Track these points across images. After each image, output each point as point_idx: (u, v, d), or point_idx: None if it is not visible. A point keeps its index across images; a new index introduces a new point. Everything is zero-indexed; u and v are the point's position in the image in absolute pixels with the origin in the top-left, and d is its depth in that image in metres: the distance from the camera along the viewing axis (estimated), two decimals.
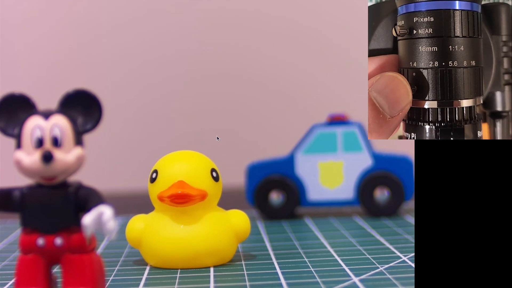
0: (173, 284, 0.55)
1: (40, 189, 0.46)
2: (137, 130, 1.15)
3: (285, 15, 1.16)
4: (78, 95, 0.47)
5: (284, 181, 0.80)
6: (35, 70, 1.14)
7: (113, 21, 1.15)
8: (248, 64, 1.16)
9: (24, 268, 0.47)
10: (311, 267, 0.58)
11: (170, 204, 0.59)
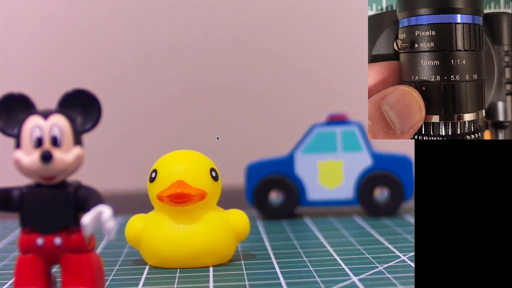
0: (173, 283, 0.55)
1: (39, 188, 0.46)
2: (137, 130, 1.15)
3: (284, 14, 1.16)
4: (77, 94, 0.47)
5: (283, 181, 0.80)
6: (34, 70, 1.14)
7: (113, 21, 1.15)
8: (248, 64, 1.16)
9: (24, 268, 0.47)
10: (311, 267, 0.58)
11: (169, 203, 0.59)
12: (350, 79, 1.14)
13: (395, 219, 0.77)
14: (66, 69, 1.14)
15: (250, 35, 1.15)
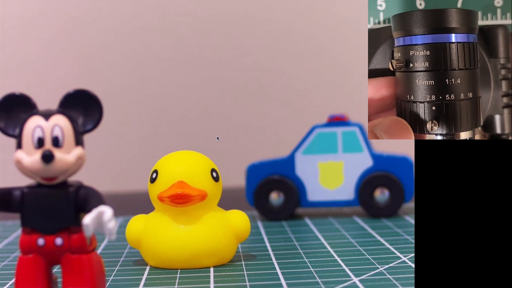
0: (173, 284, 0.55)
1: (41, 189, 0.46)
2: (137, 130, 1.15)
3: (285, 16, 1.16)
4: (78, 95, 0.47)
5: (284, 182, 0.80)
6: (35, 70, 1.14)
7: (114, 21, 1.15)
8: (249, 65, 1.16)
9: (24, 268, 0.47)
10: (311, 268, 0.58)
11: (170, 204, 0.59)
12: (351, 80, 1.14)
13: (395, 220, 0.77)
14: (67, 69, 1.14)
15: (251, 36, 1.16)
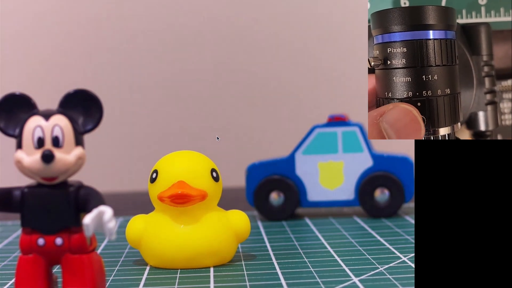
0: (173, 284, 0.55)
1: (41, 189, 0.46)
2: (138, 130, 1.15)
3: (286, 16, 1.16)
4: (78, 95, 0.47)
5: (284, 182, 0.80)
6: (35, 70, 1.14)
7: (114, 22, 1.15)
8: (249, 64, 1.16)
9: (25, 268, 0.47)
10: (311, 267, 0.58)
11: (170, 204, 0.59)
12: (351, 80, 1.14)
13: (395, 220, 0.77)
14: (67, 69, 1.14)
15: (252, 37, 1.16)
